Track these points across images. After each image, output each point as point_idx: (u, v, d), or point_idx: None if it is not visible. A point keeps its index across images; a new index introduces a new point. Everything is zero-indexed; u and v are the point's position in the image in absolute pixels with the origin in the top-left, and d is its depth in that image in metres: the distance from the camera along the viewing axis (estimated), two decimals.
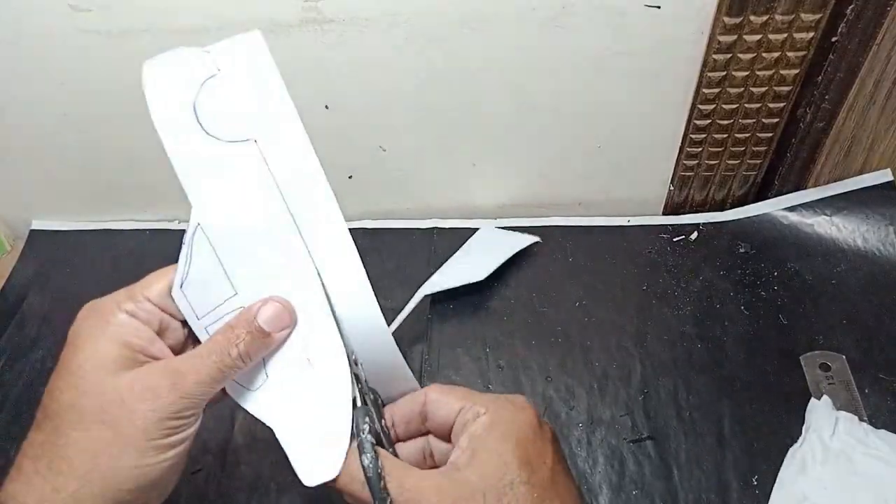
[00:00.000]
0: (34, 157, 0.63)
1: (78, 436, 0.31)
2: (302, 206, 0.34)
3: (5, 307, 0.62)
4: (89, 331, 0.33)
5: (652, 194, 0.65)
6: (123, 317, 0.34)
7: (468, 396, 0.36)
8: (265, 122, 0.34)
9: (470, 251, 0.62)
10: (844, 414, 0.48)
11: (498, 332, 0.57)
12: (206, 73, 0.34)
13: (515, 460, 0.33)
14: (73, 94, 0.56)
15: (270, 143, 0.34)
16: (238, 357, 0.34)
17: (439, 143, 0.61)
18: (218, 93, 0.34)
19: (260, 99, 0.34)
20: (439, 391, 0.37)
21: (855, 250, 0.60)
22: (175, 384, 0.32)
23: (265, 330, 0.34)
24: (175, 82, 0.34)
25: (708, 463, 0.48)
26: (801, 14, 0.49)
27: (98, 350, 0.33)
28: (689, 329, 0.56)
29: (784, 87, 0.54)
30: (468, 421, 0.35)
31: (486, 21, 0.50)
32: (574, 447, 0.50)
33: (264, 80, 0.34)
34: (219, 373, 0.33)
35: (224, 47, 0.34)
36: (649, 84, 0.55)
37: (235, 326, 0.34)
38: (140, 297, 0.34)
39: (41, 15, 0.51)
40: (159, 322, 0.35)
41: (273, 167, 0.34)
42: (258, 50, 0.34)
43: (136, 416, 0.31)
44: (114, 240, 0.67)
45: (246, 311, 0.34)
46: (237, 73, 0.34)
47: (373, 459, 0.33)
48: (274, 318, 0.34)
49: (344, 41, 0.52)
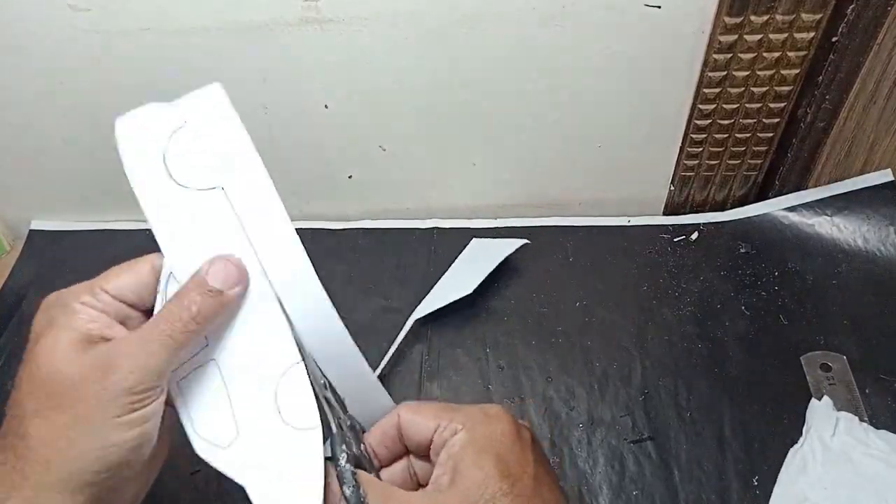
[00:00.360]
0: (34, 157, 0.63)
1: (38, 422, 0.31)
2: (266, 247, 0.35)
3: (5, 307, 0.62)
4: (47, 321, 0.33)
5: (652, 194, 0.65)
6: (79, 306, 0.33)
7: (442, 413, 0.36)
8: (230, 169, 0.35)
9: (458, 268, 0.62)
10: (845, 414, 0.48)
11: (498, 332, 0.57)
12: (174, 126, 0.35)
13: (496, 473, 0.33)
14: (73, 94, 0.56)
15: (236, 190, 0.35)
16: (191, 320, 0.33)
17: (439, 143, 0.61)
18: (185, 143, 0.35)
19: (224, 147, 0.35)
20: (411, 410, 0.37)
21: (856, 250, 0.60)
22: (126, 357, 0.31)
23: (217, 288, 0.33)
24: (145, 135, 0.36)
25: (708, 463, 0.48)
26: (801, 14, 0.49)
27: (54, 338, 0.32)
28: (690, 329, 0.56)
29: (785, 86, 0.54)
30: (446, 439, 0.35)
31: (485, 20, 0.50)
32: (574, 447, 0.50)
33: (227, 129, 0.35)
34: (171, 340, 0.32)
35: (189, 100, 0.36)
36: (649, 84, 0.55)
37: (186, 291, 0.33)
38: (98, 289, 0.34)
39: (41, 15, 0.51)
40: (117, 312, 0.34)
41: (239, 212, 0.35)
42: (220, 101, 0.36)
43: (89, 396, 0.31)
44: (114, 240, 0.67)
45: (195, 274, 0.34)
46: (202, 123, 0.35)
47: (354, 490, 0.32)
48: (224, 276, 0.34)
49: (343, 41, 0.52)
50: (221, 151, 0.35)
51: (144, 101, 0.36)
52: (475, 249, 0.63)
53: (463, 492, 0.32)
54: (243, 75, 0.54)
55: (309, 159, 0.62)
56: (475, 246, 0.63)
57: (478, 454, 0.34)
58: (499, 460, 0.33)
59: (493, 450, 0.34)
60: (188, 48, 0.52)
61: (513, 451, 0.34)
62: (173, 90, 0.55)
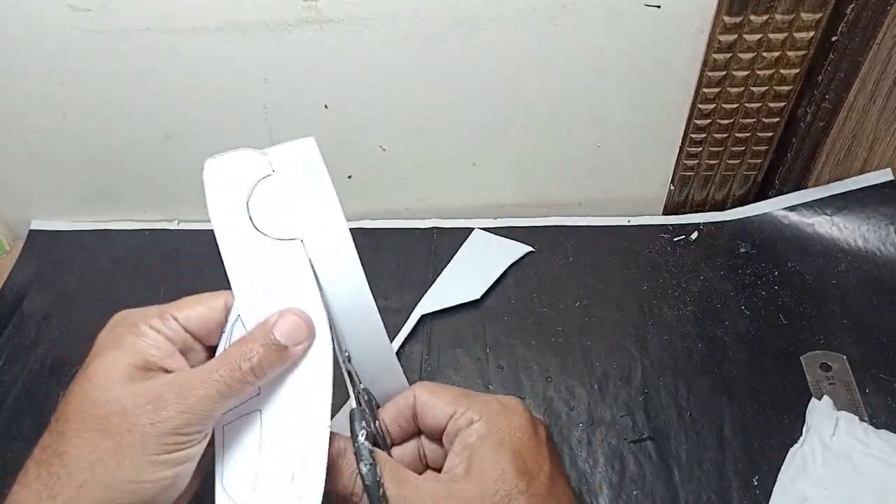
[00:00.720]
0: (34, 157, 0.63)
1: (79, 442, 0.30)
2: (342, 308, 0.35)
3: (5, 307, 0.62)
4: (111, 339, 0.33)
5: (652, 194, 0.65)
6: (146, 329, 0.33)
7: (459, 399, 0.36)
8: (312, 223, 0.35)
9: (465, 262, 0.62)
10: (845, 414, 0.48)
11: (498, 332, 0.57)
12: (262, 174, 0.36)
13: (513, 470, 0.33)
14: (73, 94, 0.56)
15: (316, 244, 0.35)
16: (250, 371, 0.32)
17: (439, 143, 0.61)
18: (270, 192, 0.35)
19: (309, 201, 0.35)
20: (429, 392, 0.37)
21: (856, 250, 0.60)
22: (179, 396, 0.31)
23: (281, 343, 0.33)
24: (232, 180, 0.36)
25: (708, 463, 0.48)
26: (801, 13, 0.49)
27: (113, 358, 0.32)
28: (690, 329, 0.56)
29: (784, 86, 0.54)
30: (462, 427, 0.34)
31: (485, 20, 0.50)
32: (574, 447, 0.50)
33: (314, 183, 0.36)
34: (226, 387, 0.32)
35: (280, 150, 0.36)
36: (649, 83, 0.55)
37: (250, 339, 0.33)
38: (168, 315, 0.34)
39: (41, 15, 0.51)
40: (183, 342, 0.34)
41: (317, 267, 0.35)
42: (311, 155, 0.36)
43: (136, 429, 0.30)
44: (114, 240, 0.67)
45: (262, 323, 0.33)
46: (290, 175, 0.36)
47: (371, 468, 0.32)
48: (291, 331, 0.33)
49: (343, 41, 0.52)
50: (306, 204, 0.35)
51: (145, 101, 0.36)
52: (481, 246, 0.63)
53: (478, 485, 0.32)
54: (243, 75, 0.54)
55: None
56: (479, 240, 0.64)
57: (494, 448, 0.33)
58: (516, 456, 0.33)
59: (511, 445, 0.34)
60: (188, 48, 0.52)
61: (529, 448, 0.34)
62: (173, 90, 0.56)
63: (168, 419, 0.30)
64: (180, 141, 0.60)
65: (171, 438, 0.30)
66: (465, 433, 0.34)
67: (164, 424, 0.30)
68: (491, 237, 0.64)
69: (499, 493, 0.32)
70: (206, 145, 0.60)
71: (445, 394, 0.36)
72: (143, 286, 0.62)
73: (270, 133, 0.59)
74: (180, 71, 0.54)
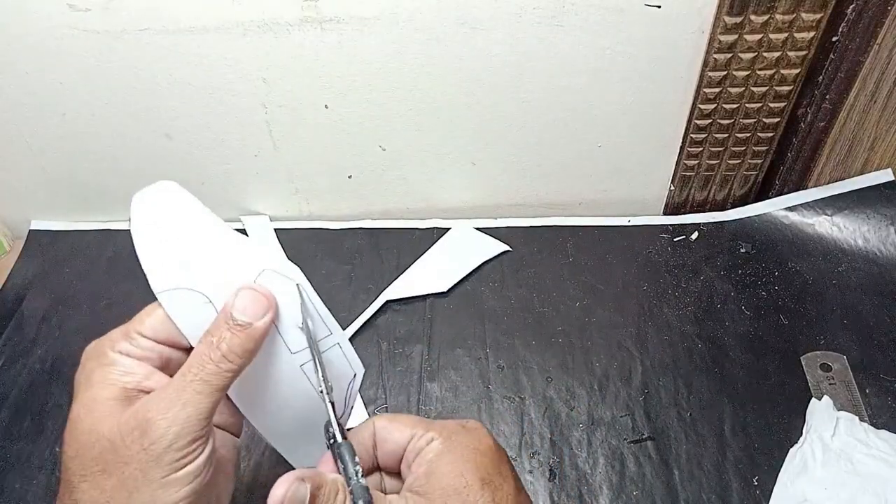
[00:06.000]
0: (34, 157, 0.63)
1: (87, 487, 0.30)
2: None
3: (5, 307, 0.62)
4: (86, 377, 0.32)
5: (652, 194, 0.65)
6: (117, 356, 0.32)
7: (419, 424, 0.35)
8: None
9: (440, 254, 0.63)
10: (845, 414, 0.48)
11: (498, 332, 0.57)
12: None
13: (477, 481, 0.32)
14: (73, 94, 0.56)
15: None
16: (222, 358, 0.31)
17: (439, 143, 0.61)
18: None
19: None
20: (387, 419, 0.36)
21: (856, 250, 0.60)
22: (161, 412, 0.29)
23: (245, 321, 0.32)
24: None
25: (708, 463, 0.48)
26: (801, 13, 0.49)
27: (90, 398, 0.31)
28: (690, 329, 0.56)
29: (785, 86, 0.54)
30: (421, 448, 0.34)
31: (485, 20, 0.50)
32: (574, 447, 0.50)
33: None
34: (205, 384, 0.30)
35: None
36: (649, 83, 0.55)
37: (213, 328, 0.32)
38: (134, 333, 0.33)
39: (40, 15, 0.51)
40: (159, 355, 0.33)
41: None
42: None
43: (131, 460, 0.29)
44: (113, 240, 0.67)
45: (221, 311, 0.33)
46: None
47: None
48: (250, 305, 0.32)
49: (343, 40, 0.52)
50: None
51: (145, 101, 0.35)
52: (458, 239, 0.64)
53: (443, 496, 0.31)
54: (243, 75, 0.54)
55: (309, 159, 0.62)
56: (458, 235, 0.64)
57: (455, 463, 0.32)
58: (478, 469, 0.33)
59: (473, 459, 0.33)
60: (188, 48, 0.52)
61: (492, 462, 0.34)
62: (173, 90, 0.56)
63: (158, 439, 0.29)
64: (180, 141, 0.60)
65: (168, 457, 0.29)
66: (424, 451, 0.33)
67: (157, 446, 0.29)
68: (472, 233, 0.64)
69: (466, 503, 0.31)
70: (206, 145, 0.60)
71: (404, 419, 0.35)
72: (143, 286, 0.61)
73: (270, 133, 0.59)
74: (180, 71, 0.54)
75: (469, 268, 0.61)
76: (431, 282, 0.60)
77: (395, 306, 0.59)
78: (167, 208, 0.34)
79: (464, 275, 0.60)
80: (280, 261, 0.35)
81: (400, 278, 0.60)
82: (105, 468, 0.29)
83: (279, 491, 0.29)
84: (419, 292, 0.59)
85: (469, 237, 0.64)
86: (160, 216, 0.34)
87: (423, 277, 0.60)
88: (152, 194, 0.34)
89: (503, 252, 0.63)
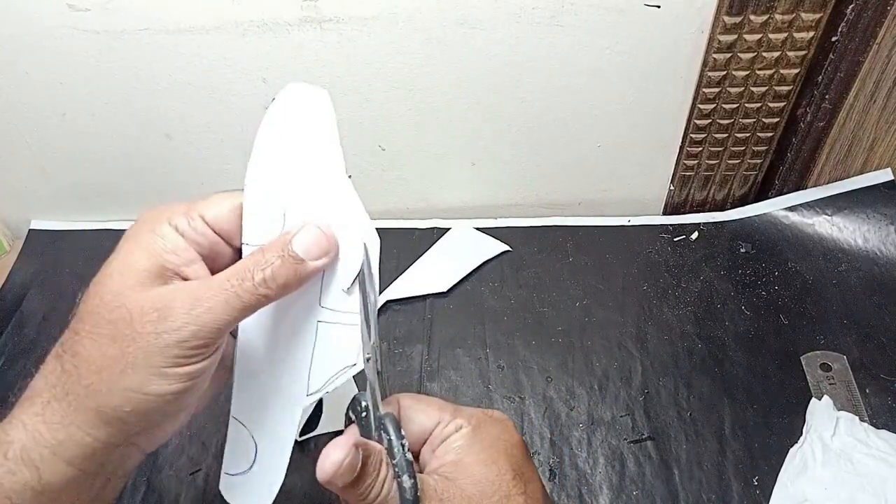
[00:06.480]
0: (34, 157, 0.63)
1: (90, 344, 0.29)
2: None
3: (5, 307, 0.62)
4: (134, 238, 0.31)
5: (652, 194, 0.65)
6: (168, 230, 0.31)
7: (446, 408, 0.35)
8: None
9: (440, 254, 0.63)
10: (845, 414, 0.48)
11: (498, 332, 0.57)
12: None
13: (510, 471, 0.32)
14: (73, 94, 0.56)
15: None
16: (263, 282, 0.30)
17: (439, 143, 0.61)
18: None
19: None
20: (413, 398, 0.35)
21: (856, 250, 0.60)
22: (187, 307, 0.29)
23: (298, 255, 0.31)
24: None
25: (708, 463, 0.48)
26: (801, 13, 0.49)
27: (129, 261, 0.30)
28: (690, 329, 0.56)
29: (784, 86, 0.54)
30: (449, 434, 0.33)
31: (485, 20, 0.50)
32: (574, 447, 0.50)
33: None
34: (237, 298, 0.29)
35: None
36: (649, 83, 0.55)
37: (267, 250, 0.31)
38: (195, 214, 0.32)
39: (40, 15, 0.51)
40: (210, 246, 0.32)
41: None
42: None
43: (140, 338, 0.29)
44: (114, 240, 0.65)
45: (282, 234, 0.32)
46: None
47: (414, 483, 0.30)
48: (312, 245, 0.31)
49: (343, 40, 0.52)
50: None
51: (144, 101, 0.35)
52: (459, 241, 0.64)
53: (475, 484, 0.31)
54: (243, 75, 0.54)
55: None
56: (458, 235, 0.64)
57: (487, 451, 0.33)
58: (510, 459, 0.33)
59: (505, 450, 0.33)
60: (188, 48, 0.52)
61: (523, 456, 0.34)
62: (173, 90, 0.56)
63: (173, 330, 0.29)
64: (180, 141, 0.60)
65: (174, 351, 0.29)
66: (452, 438, 0.33)
67: (169, 336, 0.29)
68: (472, 233, 0.64)
69: (498, 493, 0.32)
70: (206, 145, 0.60)
71: (431, 401, 0.35)
72: None
73: None
74: (180, 71, 0.54)
75: (469, 268, 0.61)
76: (431, 282, 0.60)
77: (395, 306, 0.59)
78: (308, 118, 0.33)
79: (464, 275, 0.60)
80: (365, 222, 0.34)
81: (400, 278, 0.60)
82: (114, 336, 0.29)
83: (337, 456, 0.29)
84: (419, 292, 0.59)
85: (469, 237, 0.64)
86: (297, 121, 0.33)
87: (422, 277, 0.60)
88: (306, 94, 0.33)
89: (503, 252, 0.63)
